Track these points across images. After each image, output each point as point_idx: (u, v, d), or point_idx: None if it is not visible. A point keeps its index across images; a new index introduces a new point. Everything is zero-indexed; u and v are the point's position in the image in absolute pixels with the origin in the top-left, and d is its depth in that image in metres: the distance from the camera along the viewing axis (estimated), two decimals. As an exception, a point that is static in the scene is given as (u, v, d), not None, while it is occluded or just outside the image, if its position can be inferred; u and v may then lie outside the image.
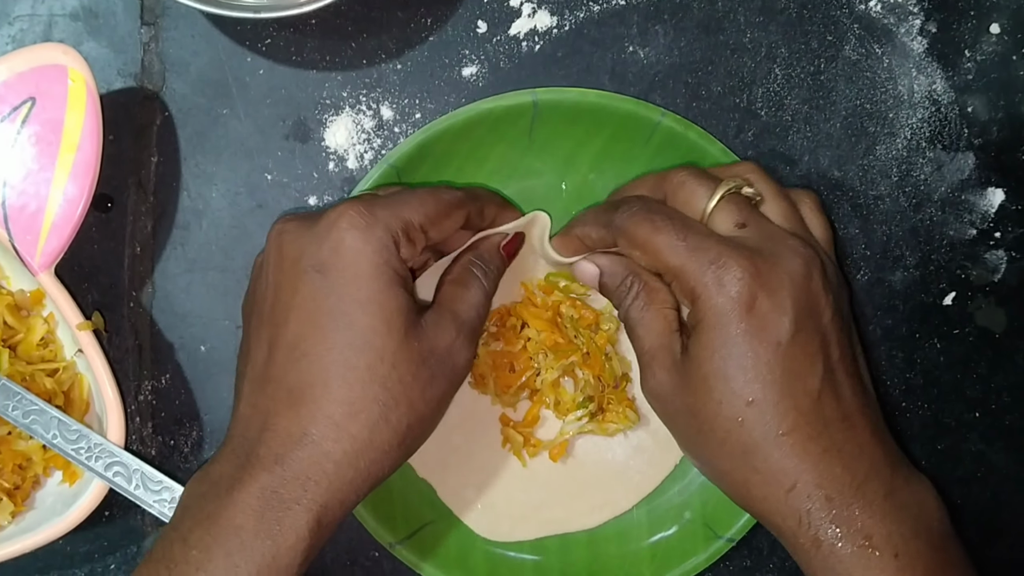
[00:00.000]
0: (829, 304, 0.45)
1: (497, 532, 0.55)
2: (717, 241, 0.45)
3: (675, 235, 0.45)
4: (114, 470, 0.52)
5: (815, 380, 0.44)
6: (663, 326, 0.47)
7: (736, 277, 0.43)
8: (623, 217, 0.47)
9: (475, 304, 0.49)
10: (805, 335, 0.44)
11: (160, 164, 0.57)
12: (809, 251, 0.45)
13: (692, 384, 0.45)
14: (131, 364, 0.56)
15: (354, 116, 0.57)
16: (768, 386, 0.43)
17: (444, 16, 0.57)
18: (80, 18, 0.57)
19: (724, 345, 0.44)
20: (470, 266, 0.50)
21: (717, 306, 0.44)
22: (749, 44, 0.57)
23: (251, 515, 0.41)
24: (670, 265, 0.45)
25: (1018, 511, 0.58)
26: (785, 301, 0.44)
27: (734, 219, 0.46)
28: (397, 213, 0.45)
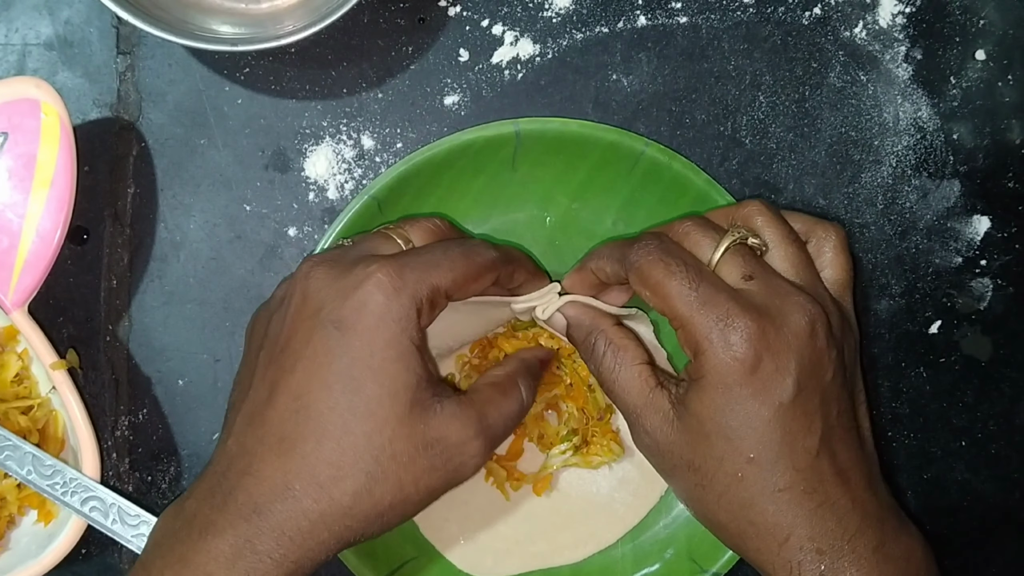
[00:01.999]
0: (832, 361, 0.45)
1: (480, 567, 0.55)
2: (727, 296, 0.44)
3: (687, 283, 0.45)
4: (90, 505, 0.51)
5: (813, 439, 0.44)
6: (641, 385, 0.47)
7: (743, 337, 0.43)
8: (638, 254, 0.46)
9: (508, 416, 0.47)
10: (806, 395, 0.44)
11: (137, 195, 0.56)
12: (815, 308, 0.45)
13: (692, 440, 0.45)
14: (108, 399, 0.55)
15: (334, 146, 0.56)
16: (768, 445, 0.43)
17: (425, 45, 0.56)
18: (55, 47, 0.56)
19: (727, 404, 0.43)
20: (518, 377, 0.49)
21: (722, 364, 0.43)
22: (733, 72, 0.57)
23: (223, 564, 0.41)
24: (678, 313, 0.45)
25: (1004, 540, 0.57)
26: (789, 363, 0.43)
27: (740, 271, 0.46)
28: (426, 278, 0.44)
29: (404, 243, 0.47)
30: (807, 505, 0.43)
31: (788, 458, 0.43)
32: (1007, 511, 0.57)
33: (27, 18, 0.56)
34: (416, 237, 0.48)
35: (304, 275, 0.45)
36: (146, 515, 0.51)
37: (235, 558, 0.41)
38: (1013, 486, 0.57)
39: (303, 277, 0.45)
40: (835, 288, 0.48)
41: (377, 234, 0.48)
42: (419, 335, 0.44)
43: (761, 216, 0.48)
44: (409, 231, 0.48)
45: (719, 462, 0.44)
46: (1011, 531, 0.57)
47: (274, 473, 0.42)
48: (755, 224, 0.48)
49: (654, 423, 0.46)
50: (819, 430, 0.44)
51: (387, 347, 0.43)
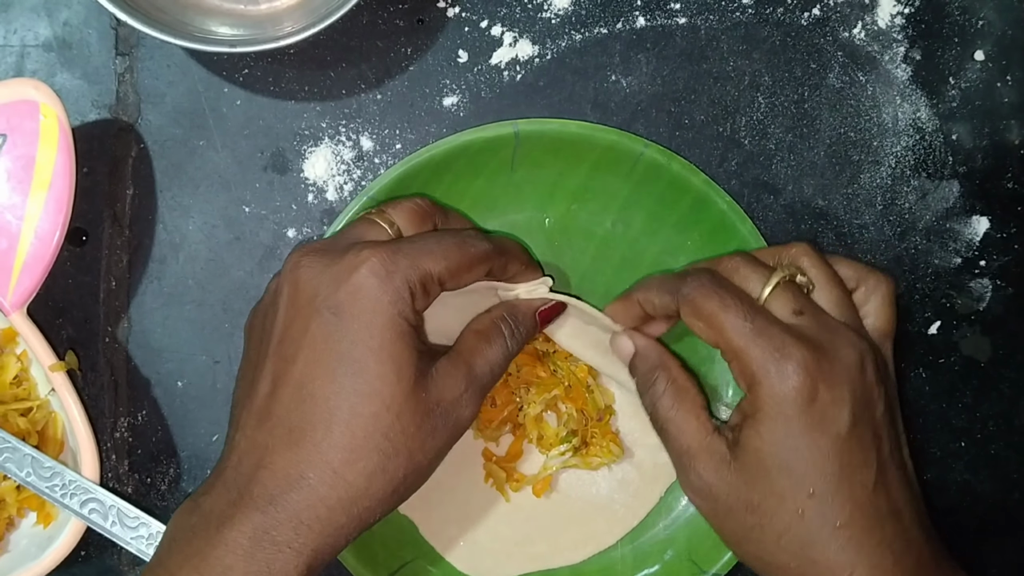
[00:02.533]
0: (882, 397, 0.45)
1: (480, 569, 0.55)
2: (782, 329, 0.44)
3: (742, 316, 0.45)
4: (90, 507, 0.51)
5: (870, 473, 0.44)
6: (698, 427, 0.47)
7: (799, 367, 0.43)
8: (692, 287, 0.46)
9: (493, 362, 0.47)
10: (861, 428, 0.44)
11: (135, 197, 0.56)
12: (864, 344, 0.45)
13: (750, 478, 0.45)
14: (107, 400, 0.55)
15: (333, 147, 0.56)
16: (828, 478, 0.43)
17: (424, 46, 0.56)
18: (53, 49, 0.56)
19: (787, 437, 0.44)
20: (499, 322, 0.49)
21: (779, 396, 0.43)
22: (732, 73, 0.57)
23: (241, 556, 0.41)
24: (733, 345, 0.45)
25: (1004, 541, 0.57)
26: (844, 394, 0.44)
27: (791, 306, 0.46)
28: (418, 263, 0.44)
29: (389, 226, 0.47)
30: (867, 543, 0.43)
31: (847, 491, 0.43)
32: (1007, 511, 0.57)
33: (26, 19, 0.56)
34: (400, 219, 0.48)
35: (294, 265, 0.45)
36: (145, 517, 0.51)
37: (254, 549, 0.41)
38: (1013, 486, 0.57)
39: (293, 267, 0.45)
40: (877, 336, 0.48)
41: (362, 220, 0.48)
42: (415, 316, 0.44)
43: (807, 258, 0.48)
44: (393, 214, 0.48)
45: (780, 499, 0.44)
46: (1011, 531, 0.57)
47: (287, 464, 0.42)
48: (802, 264, 0.48)
49: (709, 466, 0.46)
50: (874, 464, 0.44)
51: (385, 328, 0.43)
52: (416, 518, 0.55)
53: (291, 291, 0.45)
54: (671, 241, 0.55)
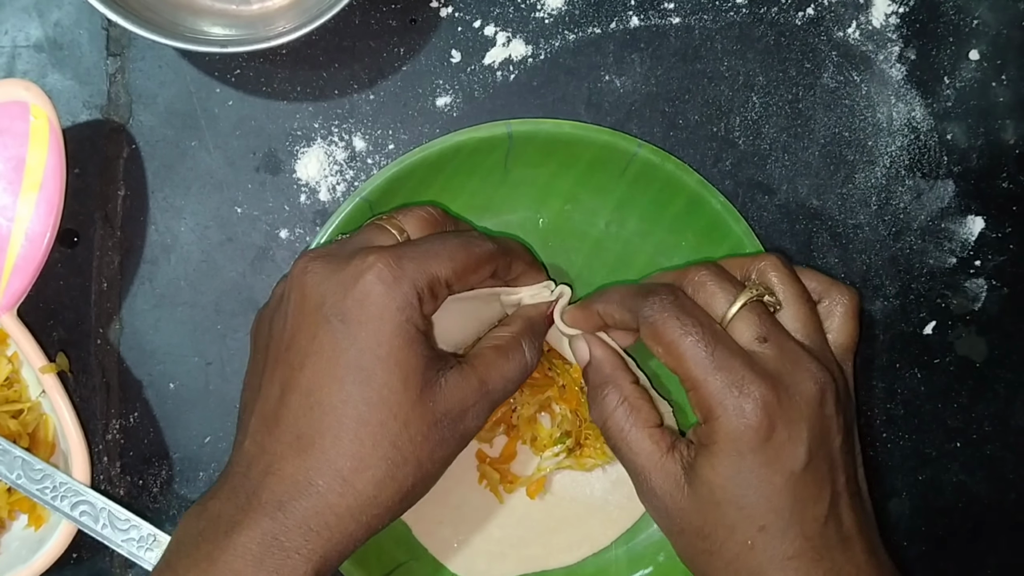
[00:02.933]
0: (840, 428, 0.45)
1: (473, 570, 0.55)
2: (742, 363, 0.44)
3: (703, 346, 0.44)
4: (80, 509, 0.51)
5: (822, 506, 0.44)
6: (652, 448, 0.46)
7: (757, 405, 0.43)
8: (652, 308, 0.45)
9: (510, 378, 0.47)
10: (816, 463, 0.44)
11: (127, 198, 0.55)
12: (825, 375, 0.45)
13: (702, 508, 0.45)
14: (98, 402, 0.55)
15: (326, 147, 0.56)
16: (779, 514, 0.43)
17: (417, 46, 0.56)
18: (44, 49, 0.56)
19: (739, 473, 0.43)
20: (521, 338, 0.48)
21: (734, 433, 0.43)
22: (726, 73, 0.57)
23: (250, 561, 0.41)
24: (691, 376, 0.44)
25: (1000, 541, 0.57)
26: (802, 432, 0.44)
27: (755, 332, 0.45)
28: (425, 267, 0.44)
29: (399, 233, 0.47)
30: (815, 572, 0.43)
31: (798, 526, 0.43)
32: (1002, 512, 0.57)
33: (16, 20, 0.56)
34: (411, 227, 0.48)
35: (301, 271, 0.45)
36: (136, 520, 0.51)
37: (263, 555, 0.41)
38: (1008, 487, 0.57)
39: (300, 273, 0.45)
40: (839, 352, 0.48)
41: (371, 226, 0.48)
42: (423, 321, 0.44)
43: (776, 273, 0.48)
44: (403, 221, 0.48)
45: (730, 531, 0.44)
46: (1006, 532, 0.57)
47: (295, 471, 0.42)
48: (769, 280, 0.48)
49: (664, 487, 0.46)
50: (827, 497, 0.44)
51: (393, 336, 0.43)
52: (409, 520, 0.54)
53: (298, 297, 0.44)
54: (665, 241, 0.55)
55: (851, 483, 0.46)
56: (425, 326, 0.44)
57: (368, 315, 0.43)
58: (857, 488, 0.47)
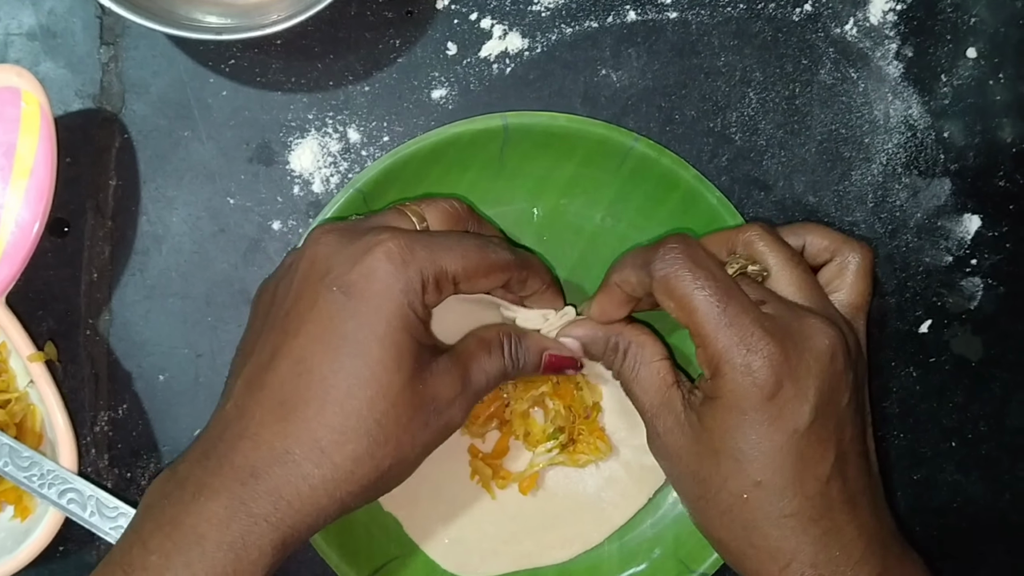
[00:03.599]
0: (848, 385, 0.45)
1: (465, 567, 0.54)
2: (753, 320, 0.43)
3: (715, 300, 0.44)
4: (68, 497, 0.50)
5: (826, 466, 0.43)
6: (658, 382, 0.46)
7: (765, 363, 0.43)
8: (664, 261, 0.45)
9: (489, 372, 0.46)
10: (822, 421, 0.43)
11: (119, 188, 0.55)
12: (834, 331, 0.44)
13: (700, 453, 0.44)
14: (87, 394, 0.55)
15: (320, 139, 0.55)
16: (778, 471, 0.43)
17: (413, 37, 0.55)
18: (37, 37, 0.55)
19: (740, 427, 0.43)
20: (504, 338, 0.48)
21: (740, 388, 0.43)
22: (723, 68, 0.56)
23: (216, 525, 0.40)
24: (702, 331, 0.44)
25: (995, 542, 0.57)
26: (808, 389, 0.43)
27: (752, 297, 0.45)
28: (435, 259, 0.44)
29: (418, 221, 0.47)
30: (813, 532, 0.43)
31: (798, 484, 0.43)
32: (997, 512, 0.57)
33: (9, 7, 0.55)
34: (431, 216, 0.47)
35: (314, 240, 0.45)
36: (125, 507, 0.50)
37: (229, 520, 0.40)
38: (1003, 487, 0.57)
39: (312, 242, 0.45)
40: (848, 310, 0.48)
41: (392, 210, 0.48)
42: (424, 309, 0.44)
43: (762, 241, 0.47)
44: (425, 210, 0.48)
45: (724, 480, 0.44)
46: (1002, 532, 0.57)
47: (273, 437, 0.41)
48: (756, 249, 0.47)
49: (667, 425, 0.46)
50: (832, 456, 0.44)
51: (393, 316, 0.42)
52: (401, 515, 0.54)
53: (306, 266, 0.44)
54: (661, 236, 0.54)
55: (857, 442, 0.45)
56: (425, 315, 0.44)
57: (372, 291, 0.42)
58: (864, 448, 0.46)
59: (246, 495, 0.40)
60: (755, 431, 0.43)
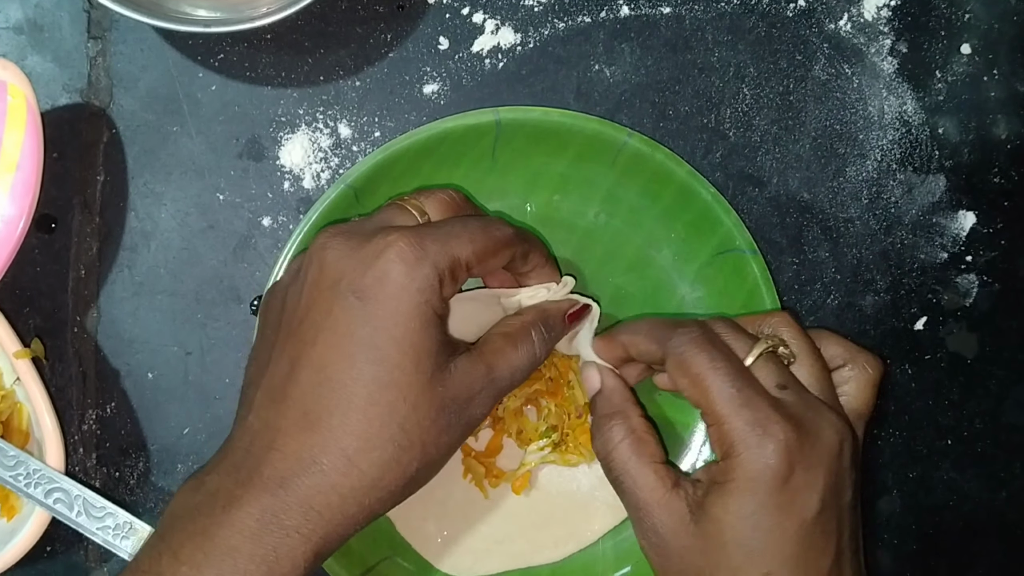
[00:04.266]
0: (851, 483, 0.45)
1: (458, 567, 0.53)
2: (768, 403, 0.43)
3: (730, 381, 0.44)
4: (55, 497, 0.49)
5: (828, 559, 0.43)
6: (656, 482, 0.45)
7: (779, 447, 0.42)
8: (682, 340, 0.45)
9: (517, 367, 0.46)
10: (828, 514, 0.43)
11: (107, 183, 0.54)
12: (845, 427, 0.45)
13: (707, 549, 0.44)
14: (75, 392, 0.54)
15: (310, 134, 0.55)
16: (787, 561, 0.43)
17: (404, 32, 0.55)
18: (24, 31, 0.55)
19: (753, 514, 0.43)
20: (531, 328, 0.47)
21: (753, 473, 0.43)
22: (717, 64, 0.56)
23: (248, 537, 0.39)
24: (716, 410, 0.44)
25: (991, 540, 0.57)
26: (818, 479, 0.43)
27: (775, 379, 0.45)
28: (447, 249, 0.43)
29: (419, 215, 0.46)
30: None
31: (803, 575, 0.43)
32: (993, 510, 0.56)
33: (-4, 1, 0.55)
34: (431, 208, 0.47)
35: (320, 246, 0.44)
36: (112, 507, 0.50)
37: (261, 532, 0.39)
38: (999, 485, 0.56)
39: (319, 248, 0.44)
40: (852, 416, 0.47)
41: (392, 206, 0.47)
42: (442, 305, 0.43)
43: (788, 329, 0.47)
44: (424, 203, 0.47)
45: (733, 573, 0.43)
46: (997, 531, 0.56)
47: (300, 448, 0.41)
48: (783, 335, 0.47)
49: (667, 524, 0.45)
50: (833, 551, 0.44)
51: (410, 317, 0.42)
52: (393, 515, 0.53)
53: (315, 272, 0.43)
54: (654, 233, 0.54)
55: (853, 540, 0.45)
56: (443, 309, 0.44)
57: (386, 294, 0.42)
58: (857, 548, 0.46)
59: (277, 507, 0.40)
60: (768, 517, 0.42)
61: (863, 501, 0.51)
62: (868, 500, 0.56)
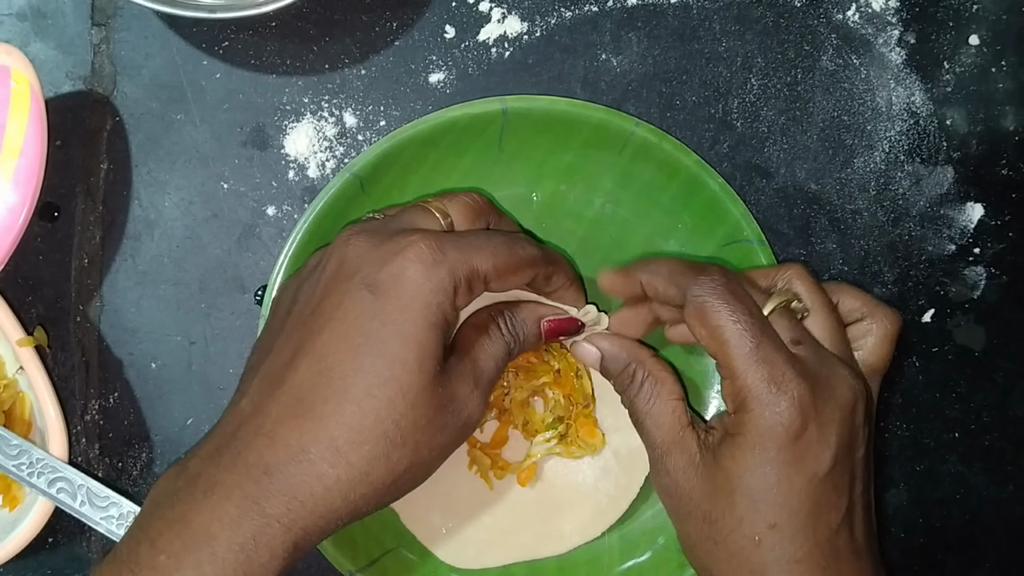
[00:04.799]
0: (865, 439, 0.45)
1: (463, 559, 0.53)
2: (785, 359, 0.43)
3: (749, 336, 0.43)
4: (58, 486, 0.49)
5: (837, 515, 0.43)
6: (673, 421, 0.46)
7: (793, 404, 0.42)
8: (704, 288, 0.44)
9: (495, 356, 0.46)
10: (839, 469, 0.43)
11: (110, 171, 0.54)
12: (859, 383, 0.44)
13: (714, 493, 0.44)
14: (77, 382, 0.53)
15: (315, 123, 0.54)
16: (793, 515, 0.43)
17: (410, 20, 0.55)
18: (27, 18, 0.54)
19: (761, 467, 0.43)
20: (497, 317, 0.47)
21: (765, 427, 0.42)
22: (725, 53, 0.56)
23: (227, 524, 0.39)
24: (732, 364, 0.43)
25: (998, 534, 0.56)
26: (831, 435, 0.43)
27: (789, 334, 0.44)
28: (467, 259, 0.43)
29: (442, 216, 0.46)
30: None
31: (811, 530, 0.43)
32: (1001, 504, 0.56)
33: (-1, -12, 0.54)
34: (455, 211, 0.47)
35: (343, 241, 0.44)
36: (116, 497, 0.49)
37: (241, 519, 0.39)
38: (1007, 479, 0.56)
39: (342, 243, 0.44)
40: (867, 372, 0.47)
41: (416, 207, 0.47)
42: (453, 312, 0.43)
43: (802, 281, 0.47)
44: (448, 205, 0.47)
45: (738, 522, 0.43)
46: (1004, 524, 0.56)
47: (289, 435, 0.40)
48: (797, 289, 0.47)
49: (678, 464, 0.45)
50: (844, 506, 0.43)
51: (420, 316, 0.41)
52: (397, 506, 0.53)
53: (335, 266, 0.43)
54: (661, 223, 0.54)
55: (865, 495, 0.45)
56: (453, 317, 0.43)
57: (399, 291, 0.41)
58: (869, 502, 0.46)
59: (259, 494, 0.39)
60: (776, 471, 0.42)
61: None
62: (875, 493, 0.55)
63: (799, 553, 0.43)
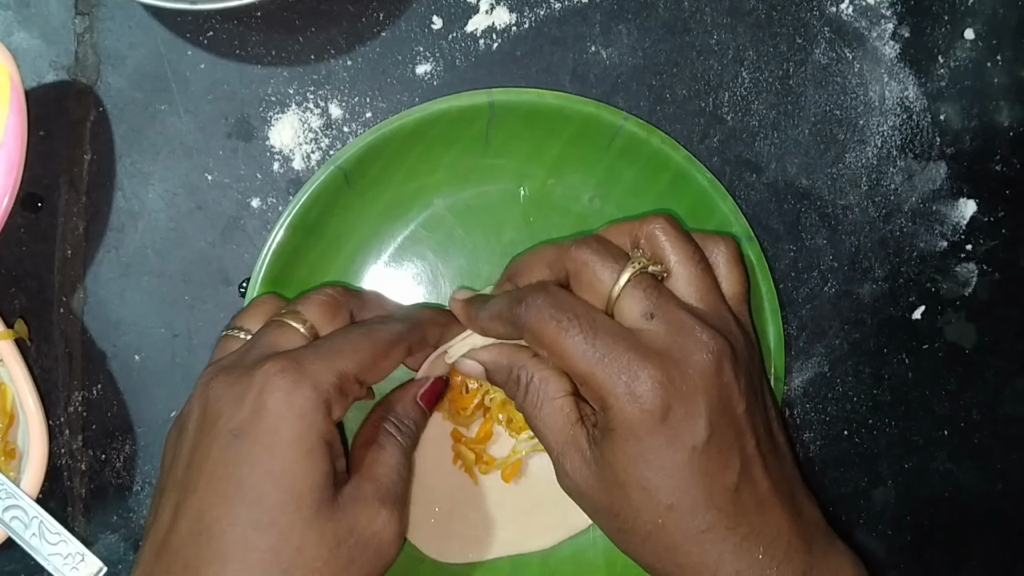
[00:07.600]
0: (742, 393, 0.44)
1: (447, 553, 0.53)
2: (627, 346, 0.43)
3: (583, 338, 0.43)
4: (12, 514, 0.48)
5: (732, 475, 0.43)
6: (563, 420, 0.45)
7: (649, 388, 0.42)
8: (527, 313, 0.44)
9: (394, 466, 0.44)
10: (720, 432, 0.43)
11: (93, 162, 0.54)
12: (717, 341, 0.43)
13: (609, 489, 0.44)
14: (60, 374, 0.53)
15: (301, 114, 0.54)
16: (686, 490, 0.42)
17: (397, 11, 0.54)
18: (10, 7, 0.54)
19: (640, 455, 0.42)
20: (382, 423, 0.46)
21: (630, 418, 0.42)
22: (716, 46, 0.55)
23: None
24: (578, 371, 0.43)
25: (987, 532, 0.56)
26: (699, 405, 0.42)
27: (641, 308, 0.44)
28: (331, 366, 0.42)
29: (302, 326, 0.45)
30: (732, 540, 0.43)
31: (708, 500, 0.43)
32: (990, 502, 0.56)
33: (-19, -24, 0.54)
34: (313, 316, 0.45)
35: (203, 385, 0.43)
36: (67, 535, 0.49)
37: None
38: (996, 477, 0.56)
39: (203, 388, 0.43)
40: (732, 302, 0.47)
41: (271, 326, 0.45)
42: (329, 429, 0.41)
43: (665, 235, 0.46)
44: (305, 311, 0.46)
45: (637, 512, 0.43)
46: (993, 523, 0.56)
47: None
48: (658, 244, 0.46)
49: (574, 464, 0.45)
50: (737, 465, 0.43)
51: (289, 447, 0.40)
52: (381, 500, 0.53)
53: (199, 414, 0.42)
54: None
55: (763, 444, 0.45)
56: (330, 435, 0.41)
57: (263, 428, 0.40)
58: (772, 446, 0.46)
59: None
60: (655, 456, 0.42)
61: (857, 490, 0.50)
62: (863, 490, 0.55)
63: (703, 524, 0.43)
